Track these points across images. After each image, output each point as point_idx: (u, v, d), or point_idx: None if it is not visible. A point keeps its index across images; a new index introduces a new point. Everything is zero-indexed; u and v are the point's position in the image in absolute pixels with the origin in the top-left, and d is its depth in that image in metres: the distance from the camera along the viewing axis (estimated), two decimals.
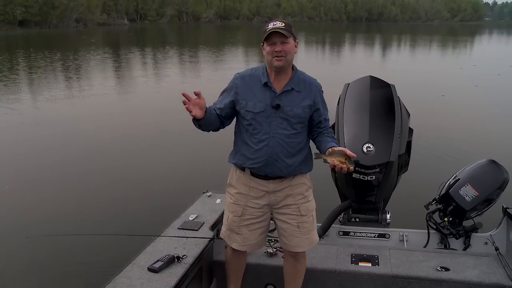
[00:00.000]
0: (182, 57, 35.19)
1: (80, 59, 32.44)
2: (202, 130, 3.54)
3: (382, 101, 5.01)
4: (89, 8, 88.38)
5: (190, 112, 3.25)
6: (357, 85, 5.27)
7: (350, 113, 4.94)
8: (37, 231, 6.71)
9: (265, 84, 3.45)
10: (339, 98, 5.16)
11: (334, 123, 4.95)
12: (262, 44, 3.42)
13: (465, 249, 4.82)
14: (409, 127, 4.99)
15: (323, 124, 3.64)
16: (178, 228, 4.38)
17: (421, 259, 4.22)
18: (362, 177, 4.66)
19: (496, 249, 4.38)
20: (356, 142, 4.67)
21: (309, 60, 34.00)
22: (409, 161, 5.09)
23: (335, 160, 3.27)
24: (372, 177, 4.65)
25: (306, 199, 3.72)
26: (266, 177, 3.56)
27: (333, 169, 3.31)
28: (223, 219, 3.86)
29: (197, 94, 3.27)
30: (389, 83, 5.17)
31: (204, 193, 5.13)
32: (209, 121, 3.43)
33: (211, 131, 3.63)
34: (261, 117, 3.43)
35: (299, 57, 35.11)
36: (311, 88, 3.54)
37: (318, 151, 3.56)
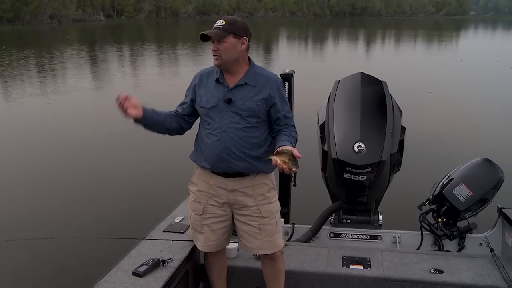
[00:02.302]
0: (160, 54, 35.09)
1: (54, 56, 32.10)
2: (154, 131, 3.60)
3: (374, 98, 4.92)
4: (63, 3, 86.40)
5: (126, 111, 3.33)
6: (348, 82, 5.17)
7: (340, 111, 4.85)
8: (18, 234, 6.56)
9: (217, 80, 3.49)
10: (329, 95, 5.06)
11: (324, 122, 4.88)
12: None
13: (459, 250, 4.76)
14: (402, 125, 4.90)
15: (282, 121, 3.57)
16: (163, 231, 4.32)
17: (414, 261, 4.14)
18: (353, 177, 4.58)
19: (491, 250, 4.32)
20: (347, 141, 4.60)
21: (293, 56, 34.04)
22: (401, 160, 4.99)
23: (278, 160, 3.19)
24: (363, 177, 4.57)
25: (267, 200, 3.65)
26: (225, 174, 3.53)
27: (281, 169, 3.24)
28: (189, 218, 3.85)
29: (124, 98, 3.33)
30: (381, 79, 5.07)
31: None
32: (153, 120, 3.50)
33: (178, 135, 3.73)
34: (214, 112, 3.46)
35: (283, 54, 35.13)
36: (268, 82, 3.51)
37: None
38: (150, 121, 3.46)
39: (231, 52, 3.38)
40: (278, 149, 3.28)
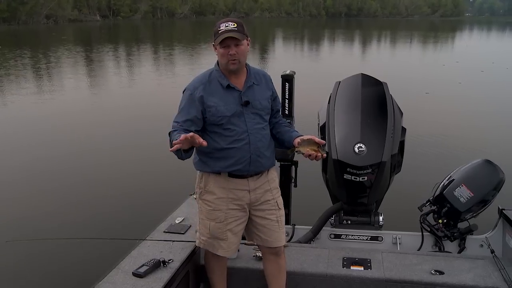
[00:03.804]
0: (156, 55, 35.10)
1: (51, 56, 32.01)
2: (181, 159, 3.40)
3: (374, 99, 4.91)
4: (59, 3, 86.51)
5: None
6: (349, 83, 5.16)
7: (341, 112, 4.84)
8: (17, 234, 6.54)
9: (228, 86, 3.44)
10: (330, 96, 5.05)
11: (325, 123, 4.86)
12: (213, 44, 3.38)
13: (460, 251, 4.75)
14: (402, 126, 4.89)
15: (279, 113, 3.77)
16: (164, 232, 4.32)
17: (415, 263, 4.14)
18: (354, 178, 4.56)
19: (492, 251, 4.30)
20: (348, 142, 4.58)
21: (293, 57, 34.01)
22: (402, 161, 4.97)
23: (309, 150, 3.29)
24: (364, 178, 4.55)
25: (279, 192, 3.78)
26: (245, 176, 3.53)
27: (308, 157, 3.32)
28: (201, 228, 3.75)
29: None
30: (381, 81, 5.07)
31: (191, 195, 5.01)
32: (192, 150, 3.35)
33: None
34: (235, 118, 3.43)
35: (282, 55, 35.08)
36: (266, 79, 3.64)
37: (286, 148, 3.63)
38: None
39: (246, 54, 3.41)
40: (298, 140, 3.37)
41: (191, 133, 3.11)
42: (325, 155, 3.28)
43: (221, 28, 3.29)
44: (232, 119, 3.40)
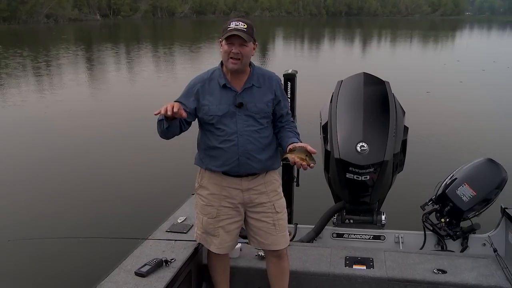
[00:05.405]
0: (157, 54, 35.00)
1: (51, 56, 31.92)
2: (165, 136, 3.47)
3: (377, 98, 4.92)
4: (59, 3, 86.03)
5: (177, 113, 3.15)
6: (351, 82, 5.17)
7: (343, 111, 4.84)
8: (20, 234, 6.55)
9: (224, 86, 3.44)
10: (332, 95, 5.05)
11: (327, 122, 4.88)
12: (220, 39, 3.39)
13: (462, 250, 4.75)
14: (404, 125, 4.90)
15: (285, 118, 3.66)
16: (166, 231, 4.32)
17: (417, 262, 4.14)
18: (356, 177, 4.57)
19: (495, 250, 4.30)
20: (350, 141, 4.58)
21: (294, 56, 33.97)
22: (404, 160, 4.99)
23: (295, 157, 3.25)
24: (366, 177, 4.56)
25: (279, 195, 3.73)
26: (239, 175, 3.53)
27: (294, 165, 3.29)
28: (196, 223, 3.81)
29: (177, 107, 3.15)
30: (384, 80, 5.06)
31: (193, 194, 4.99)
32: (175, 125, 3.38)
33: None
34: (226, 118, 3.43)
35: (283, 54, 35.03)
36: (271, 82, 3.56)
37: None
38: (174, 124, 3.35)
39: (249, 57, 3.40)
40: (290, 146, 3.32)
41: (177, 103, 3.15)
42: (312, 165, 3.24)
43: (230, 26, 3.31)
44: (223, 119, 3.42)
